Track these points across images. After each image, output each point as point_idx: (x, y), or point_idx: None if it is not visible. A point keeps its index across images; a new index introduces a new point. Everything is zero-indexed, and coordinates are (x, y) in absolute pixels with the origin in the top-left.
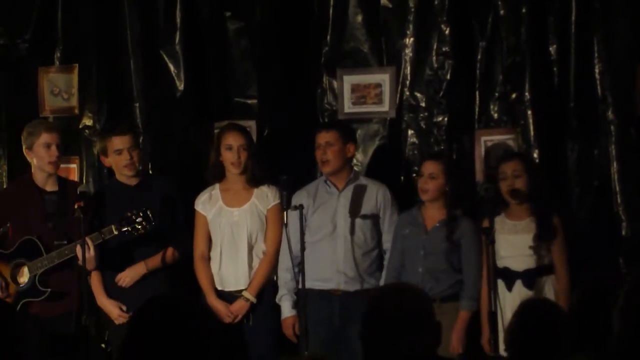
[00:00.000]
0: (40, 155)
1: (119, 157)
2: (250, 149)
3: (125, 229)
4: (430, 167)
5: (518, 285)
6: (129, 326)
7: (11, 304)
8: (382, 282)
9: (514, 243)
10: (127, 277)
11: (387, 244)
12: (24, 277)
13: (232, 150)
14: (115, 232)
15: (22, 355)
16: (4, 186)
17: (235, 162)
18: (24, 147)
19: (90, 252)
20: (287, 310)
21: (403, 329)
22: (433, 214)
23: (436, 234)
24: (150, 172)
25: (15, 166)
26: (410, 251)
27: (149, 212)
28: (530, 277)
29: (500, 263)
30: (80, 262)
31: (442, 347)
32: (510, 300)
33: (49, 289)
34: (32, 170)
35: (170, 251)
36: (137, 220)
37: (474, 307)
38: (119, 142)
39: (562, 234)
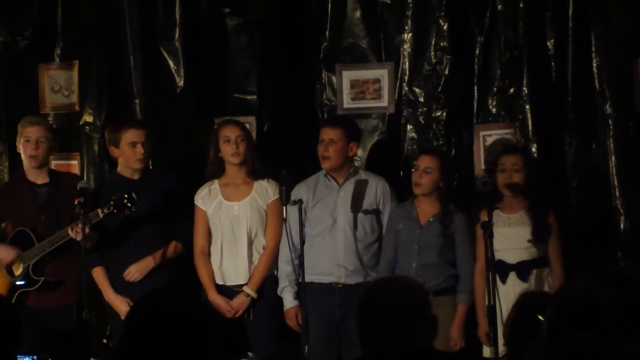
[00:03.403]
0: (23, 149)
1: (133, 149)
2: (248, 141)
3: (110, 210)
4: (426, 161)
5: (512, 277)
6: (125, 319)
7: (6, 296)
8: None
9: (507, 236)
10: (136, 272)
11: None
12: (19, 269)
13: (230, 142)
14: (101, 216)
15: (16, 347)
16: (6, 182)
17: (234, 152)
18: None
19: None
20: (289, 301)
21: (399, 322)
22: (426, 208)
23: (430, 229)
24: (151, 167)
25: (17, 163)
26: (404, 246)
27: (133, 194)
28: (524, 270)
29: (494, 256)
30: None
31: (439, 340)
32: (504, 292)
33: (42, 278)
34: (24, 166)
35: (174, 245)
36: (122, 202)
37: (471, 300)
38: (134, 134)
39: (557, 230)
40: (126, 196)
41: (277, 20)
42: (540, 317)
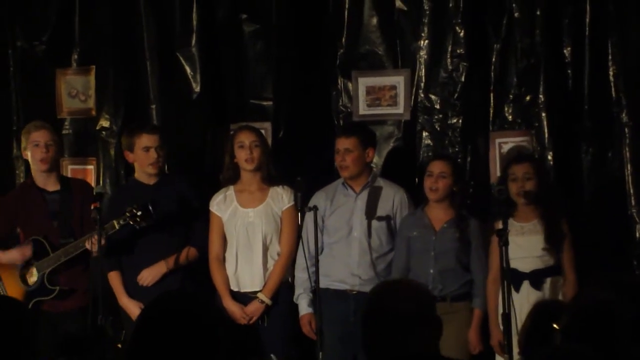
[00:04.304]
0: (32, 154)
1: (146, 154)
2: (262, 146)
3: (126, 222)
4: (440, 167)
5: (525, 285)
6: (136, 323)
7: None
8: None
9: (521, 245)
10: (148, 277)
11: None
12: (34, 277)
13: (244, 147)
14: (117, 227)
15: (35, 353)
16: (14, 189)
17: (248, 158)
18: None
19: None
20: (303, 308)
21: (405, 327)
22: (438, 214)
23: (445, 234)
24: (167, 172)
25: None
26: (420, 253)
27: (149, 206)
28: (538, 278)
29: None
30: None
31: (455, 346)
32: (518, 301)
33: (58, 287)
34: (32, 173)
35: (189, 251)
36: (137, 214)
37: (486, 305)
38: (148, 139)
39: (570, 237)
40: (142, 209)
41: (294, 26)
42: (555, 326)
